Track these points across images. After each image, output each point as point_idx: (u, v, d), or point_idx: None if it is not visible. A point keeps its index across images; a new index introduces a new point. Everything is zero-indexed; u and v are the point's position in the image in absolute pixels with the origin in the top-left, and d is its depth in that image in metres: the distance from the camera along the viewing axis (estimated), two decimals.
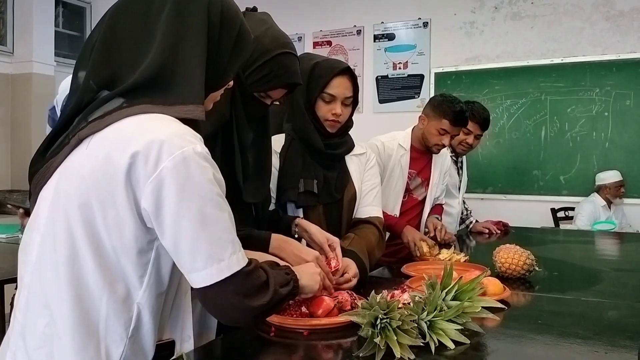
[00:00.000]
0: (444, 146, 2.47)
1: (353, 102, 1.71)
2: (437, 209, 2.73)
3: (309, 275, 1.19)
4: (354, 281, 1.50)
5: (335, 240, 1.50)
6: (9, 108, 4.99)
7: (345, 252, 1.56)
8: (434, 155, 2.57)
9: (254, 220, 1.50)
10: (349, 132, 1.81)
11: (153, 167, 0.85)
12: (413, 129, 2.57)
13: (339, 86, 1.65)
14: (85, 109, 0.94)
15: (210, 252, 0.89)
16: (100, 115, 0.91)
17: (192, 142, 0.88)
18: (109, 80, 0.95)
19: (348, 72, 1.68)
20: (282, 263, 1.16)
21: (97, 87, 0.95)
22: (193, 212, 0.87)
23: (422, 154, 2.55)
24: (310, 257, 1.37)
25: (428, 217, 2.61)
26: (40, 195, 0.96)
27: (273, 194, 1.65)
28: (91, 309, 0.90)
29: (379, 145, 2.48)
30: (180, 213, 0.86)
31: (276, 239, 1.41)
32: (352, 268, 1.52)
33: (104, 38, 0.96)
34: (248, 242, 0.98)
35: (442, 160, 2.66)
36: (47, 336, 0.90)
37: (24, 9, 4.93)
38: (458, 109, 2.37)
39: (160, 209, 0.86)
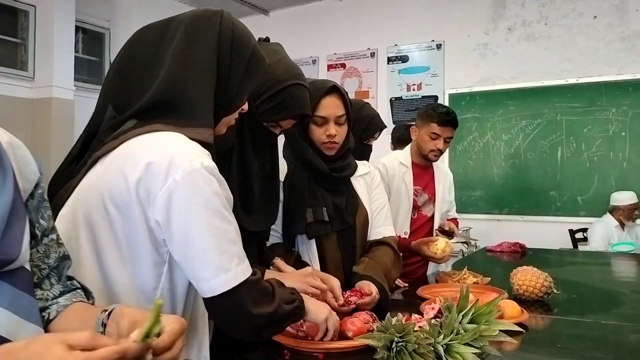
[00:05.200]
0: (439, 151, 2.47)
1: (347, 120, 1.64)
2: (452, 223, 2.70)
3: (317, 303, 1.21)
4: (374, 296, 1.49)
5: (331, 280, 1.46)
6: (29, 132, 5.07)
7: (362, 277, 1.55)
8: (435, 171, 2.59)
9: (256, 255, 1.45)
10: (350, 155, 1.76)
11: (163, 180, 0.88)
12: (411, 146, 2.60)
13: (328, 106, 1.58)
14: (100, 132, 0.99)
15: (217, 263, 0.91)
16: (114, 136, 0.96)
17: (201, 157, 0.91)
18: (124, 105, 0.99)
19: (336, 91, 1.60)
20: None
21: (114, 113, 1.00)
22: (201, 224, 0.89)
23: (423, 169, 2.57)
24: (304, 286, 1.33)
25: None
26: (59, 215, 0.99)
27: (279, 227, 1.61)
28: None
29: (381, 167, 2.48)
30: (189, 224, 0.89)
31: (269, 274, 1.36)
32: (372, 287, 1.51)
33: (120, 66, 1.03)
34: None
35: (444, 175, 2.69)
36: None
37: (45, 35, 5.04)
38: (443, 111, 2.44)
39: (169, 221, 0.89)
